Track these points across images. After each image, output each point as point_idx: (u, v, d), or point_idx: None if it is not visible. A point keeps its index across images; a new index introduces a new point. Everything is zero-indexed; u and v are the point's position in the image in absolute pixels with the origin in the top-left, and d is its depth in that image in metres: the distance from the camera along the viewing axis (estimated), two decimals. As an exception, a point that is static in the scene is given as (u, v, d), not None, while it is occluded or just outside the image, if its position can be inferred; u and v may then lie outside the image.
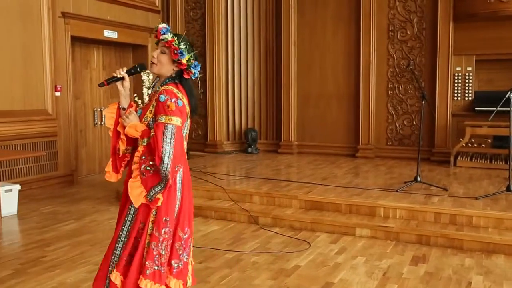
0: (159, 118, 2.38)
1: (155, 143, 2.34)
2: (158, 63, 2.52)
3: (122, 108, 2.55)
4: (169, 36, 2.50)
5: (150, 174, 2.38)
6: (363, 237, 4.80)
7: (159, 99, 2.40)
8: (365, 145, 8.40)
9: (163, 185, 2.38)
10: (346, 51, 8.56)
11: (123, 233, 2.49)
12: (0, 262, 4.12)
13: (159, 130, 2.35)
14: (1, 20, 6.40)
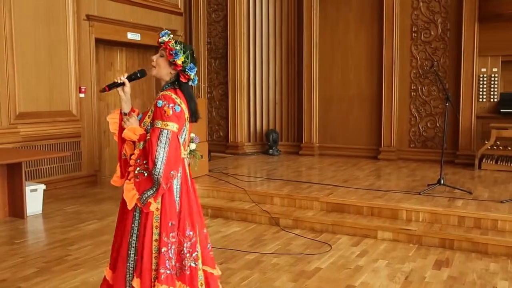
0: (155, 123, 2.41)
1: (149, 147, 2.36)
2: (157, 66, 2.56)
3: (124, 114, 2.57)
4: (166, 38, 2.54)
5: (144, 178, 2.40)
6: (385, 240, 4.75)
7: (156, 104, 2.43)
8: (387, 147, 8.32)
9: (155, 190, 2.39)
10: (368, 52, 8.50)
11: (133, 240, 2.48)
12: (26, 260, 4.20)
13: (154, 134, 2.38)
14: (27, 23, 6.53)
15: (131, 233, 2.48)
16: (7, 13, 6.28)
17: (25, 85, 6.52)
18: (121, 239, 2.51)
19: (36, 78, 6.63)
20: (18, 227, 5.27)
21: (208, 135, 9.30)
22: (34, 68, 6.61)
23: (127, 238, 2.48)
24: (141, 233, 2.45)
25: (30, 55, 6.58)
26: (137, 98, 8.75)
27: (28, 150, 6.33)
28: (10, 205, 5.65)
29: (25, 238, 4.93)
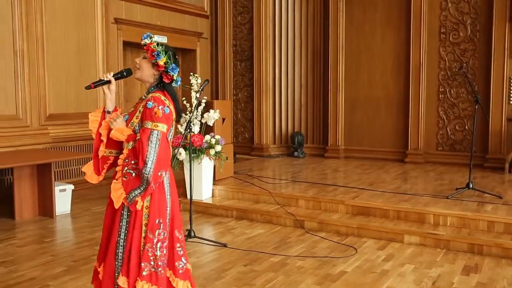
0: (145, 123, 2.45)
1: (139, 147, 2.41)
2: (140, 68, 2.61)
3: (107, 112, 2.62)
4: (148, 40, 2.58)
5: (132, 177, 2.45)
6: (411, 244, 4.69)
7: (146, 106, 2.48)
8: (414, 150, 8.20)
9: (142, 189, 2.43)
10: (395, 54, 8.41)
11: (121, 238, 2.52)
12: (54, 259, 4.28)
13: (144, 135, 2.42)
14: (58, 26, 6.67)
15: (119, 232, 2.52)
16: (39, 17, 6.43)
17: (55, 87, 6.66)
18: (108, 237, 2.55)
19: (66, 80, 6.77)
20: (47, 226, 5.38)
21: (233, 137, 9.33)
22: (63, 71, 6.75)
23: (115, 237, 2.52)
24: (130, 231, 2.49)
25: (60, 58, 6.72)
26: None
27: (57, 151, 6.46)
28: (40, 205, 5.77)
29: (54, 237, 5.03)
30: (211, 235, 5.06)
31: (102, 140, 2.61)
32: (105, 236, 2.60)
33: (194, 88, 5.58)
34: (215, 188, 6.22)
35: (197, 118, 5.66)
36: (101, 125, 2.62)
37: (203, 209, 5.94)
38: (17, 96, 6.26)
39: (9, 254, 4.42)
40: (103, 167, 2.63)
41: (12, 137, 6.18)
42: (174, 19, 8.66)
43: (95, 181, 2.66)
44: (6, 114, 6.15)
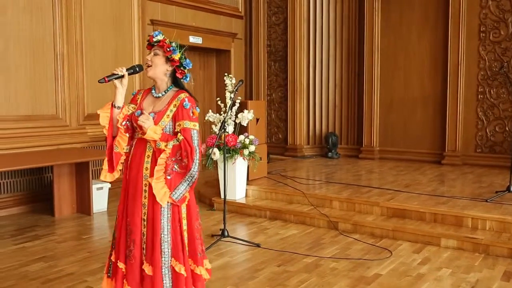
0: (184, 123, 2.55)
1: (186, 147, 2.50)
2: (153, 65, 2.64)
3: (117, 107, 2.65)
4: (161, 37, 2.65)
5: (174, 175, 2.53)
6: (448, 248, 4.58)
7: (183, 106, 2.56)
8: (452, 152, 8.02)
9: (188, 184, 2.55)
10: (432, 53, 8.24)
11: (165, 234, 2.57)
12: (92, 255, 4.38)
13: (187, 134, 2.53)
14: (96, 29, 6.83)
15: (162, 228, 2.56)
16: (78, 21, 6.60)
17: (93, 88, 6.82)
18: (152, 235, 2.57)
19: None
20: (85, 223, 5.51)
21: (267, 137, 9.34)
22: (101, 71, 6.87)
23: (159, 234, 2.56)
24: (174, 226, 2.58)
25: (98, 60, 6.87)
26: (199, 101, 8.92)
27: (94, 150, 6.61)
28: (78, 202, 5.92)
29: (91, 234, 5.15)
30: (244, 235, 5.07)
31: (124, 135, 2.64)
32: (138, 234, 2.60)
33: (229, 88, 5.62)
34: (249, 188, 6.24)
35: (231, 118, 5.69)
36: (112, 121, 2.67)
37: (237, 209, 5.96)
38: (57, 97, 6.44)
39: (49, 249, 4.55)
40: (117, 163, 2.66)
41: (52, 136, 6.36)
42: (209, 20, 8.73)
43: (110, 179, 2.69)
44: (47, 114, 6.34)
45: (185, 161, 2.51)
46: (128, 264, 2.61)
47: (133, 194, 2.62)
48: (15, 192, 5.98)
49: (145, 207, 2.59)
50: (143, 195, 2.60)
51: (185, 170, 2.52)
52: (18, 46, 5.98)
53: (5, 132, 5.87)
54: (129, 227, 2.62)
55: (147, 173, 2.58)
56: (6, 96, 5.89)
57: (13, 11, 5.92)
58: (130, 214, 2.62)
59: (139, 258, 2.60)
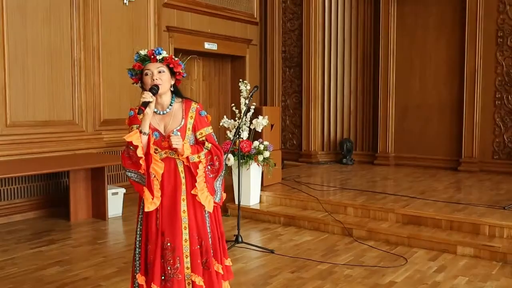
0: (206, 129, 2.70)
1: (217, 152, 2.69)
2: (163, 82, 2.61)
3: (144, 133, 2.52)
4: (165, 53, 2.66)
5: (211, 179, 2.69)
6: (465, 256, 4.52)
7: (200, 114, 2.70)
8: (468, 158, 7.92)
9: (220, 183, 2.76)
10: (449, 59, 8.17)
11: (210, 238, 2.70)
12: (106, 260, 4.41)
13: (212, 140, 2.70)
14: (112, 36, 6.90)
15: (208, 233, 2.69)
16: (95, 28, 6.68)
17: (109, 94, 6.89)
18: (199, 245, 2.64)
19: (119, 87, 6.98)
20: (100, 228, 5.55)
21: (281, 143, 9.33)
22: (117, 78, 6.96)
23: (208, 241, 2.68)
24: (212, 229, 2.71)
25: (114, 66, 6.94)
26: (213, 106, 8.96)
27: (110, 155, 6.66)
28: (93, 207, 5.97)
29: (106, 239, 5.19)
30: (258, 241, 5.06)
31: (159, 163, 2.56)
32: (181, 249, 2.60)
33: (243, 94, 5.63)
34: (263, 194, 6.23)
35: (246, 124, 5.70)
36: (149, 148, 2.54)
37: (251, 215, 5.96)
38: (74, 102, 6.51)
39: (65, 254, 4.60)
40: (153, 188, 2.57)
41: (68, 142, 6.43)
42: (224, 26, 8.77)
43: (154, 207, 2.58)
44: (63, 120, 6.42)
45: (216, 165, 2.68)
46: (175, 282, 2.57)
47: (171, 213, 2.60)
48: (31, 197, 6.05)
49: (184, 220, 2.62)
50: (181, 209, 2.62)
51: (217, 173, 2.70)
52: (36, 53, 6.07)
53: (23, 137, 5.96)
54: (171, 245, 2.58)
55: (184, 188, 2.62)
56: (24, 102, 5.98)
57: (32, 19, 6.02)
58: (170, 232, 2.59)
59: (184, 273, 2.61)
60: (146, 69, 2.61)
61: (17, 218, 5.85)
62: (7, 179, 5.77)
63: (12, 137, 5.86)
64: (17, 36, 5.87)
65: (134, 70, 2.66)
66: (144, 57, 2.64)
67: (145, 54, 2.64)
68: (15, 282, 3.88)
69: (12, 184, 5.86)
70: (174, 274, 2.58)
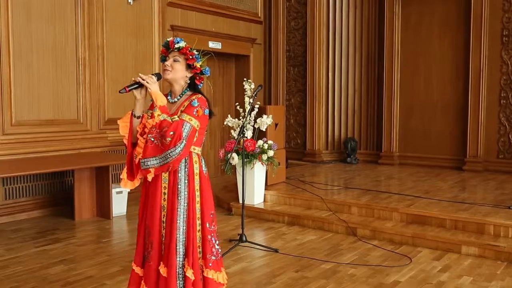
0: (182, 115, 2.58)
1: (176, 128, 2.49)
2: (173, 69, 2.68)
3: (137, 117, 2.67)
4: (183, 44, 2.69)
5: (152, 145, 2.52)
6: (469, 255, 4.51)
7: (191, 103, 2.62)
8: (473, 158, 7.90)
9: (159, 163, 2.52)
10: (453, 58, 8.14)
11: (180, 234, 2.63)
12: (111, 259, 4.42)
13: (181, 122, 2.53)
14: (117, 35, 6.91)
15: (178, 228, 2.62)
16: (100, 27, 6.69)
17: (114, 93, 6.90)
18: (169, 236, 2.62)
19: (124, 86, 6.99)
20: (104, 227, 5.56)
21: (285, 142, 9.32)
22: (122, 77, 6.97)
23: (175, 234, 2.61)
24: (188, 226, 2.62)
25: (119, 65, 6.96)
26: (218, 106, 8.96)
27: (114, 154, 6.68)
28: (97, 206, 5.99)
29: (110, 237, 5.20)
30: (262, 240, 5.07)
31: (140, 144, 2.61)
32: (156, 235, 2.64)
33: (248, 93, 5.63)
34: (267, 193, 6.23)
35: (250, 123, 5.70)
36: (132, 131, 2.68)
37: (255, 214, 5.96)
38: (79, 101, 6.53)
39: (69, 252, 4.61)
40: (137, 171, 2.65)
41: (73, 141, 6.45)
42: (228, 25, 8.77)
43: (130, 187, 2.71)
44: (68, 119, 6.43)
45: (167, 140, 2.49)
46: (146, 266, 2.66)
47: (152, 197, 2.66)
48: (36, 196, 6.07)
49: (164, 209, 2.65)
50: (162, 197, 2.65)
51: (163, 148, 2.51)
52: (41, 52, 6.09)
53: (28, 136, 5.97)
54: (148, 229, 2.67)
55: (166, 176, 2.64)
56: (29, 101, 5.99)
57: (37, 18, 6.03)
58: (149, 216, 2.67)
59: (157, 260, 2.65)
60: (167, 56, 2.73)
61: (22, 217, 5.87)
62: (12, 178, 5.79)
63: (17, 136, 5.88)
64: (22, 35, 5.89)
65: (163, 56, 2.77)
66: (166, 43, 2.75)
67: (167, 42, 2.75)
68: (20, 280, 3.90)
69: (17, 183, 5.89)
70: (147, 258, 2.66)
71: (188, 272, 2.61)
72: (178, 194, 2.63)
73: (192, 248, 2.62)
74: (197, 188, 2.68)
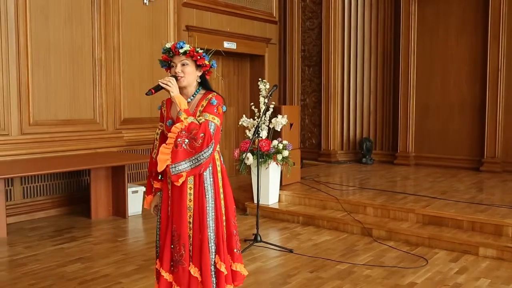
0: (205, 115, 2.59)
1: (205, 130, 2.53)
2: (186, 75, 2.68)
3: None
4: (187, 47, 2.68)
5: (182, 149, 2.52)
6: (487, 257, 4.45)
7: (211, 102, 2.64)
8: (491, 158, 7.79)
9: (191, 166, 2.54)
10: (471, 57, 8.05)
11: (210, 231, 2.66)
12: (126, 258, 4.46)
13: (207, 122, 2.56)
14: (133, 35, 6.96)
15: (208, 227, 2.65)
16: (116, 28, 6.74)
17: (130, 93, 6.95)
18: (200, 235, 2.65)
19: (139, 87, 7.04)
20: (120, 226, 5.61)
21: (300, 142, 9.30)
22: (137, 77, 7.03)
23: (206, 233, 2.64)
24: (217, 223, 2.67)
25: (134, 65, 7.01)
26: (233, 106, 8.98)
27: (130, 154, 6.73)
28: (113, 205, 6.04)
29: (126, 236, 5.24)
30: (277, 240, 5.06)
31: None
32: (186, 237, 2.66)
33: (263, 93, 5.63)
34: (282, 193, 6.23)
35: (265, 123, 5.70)
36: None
37: (270, 214, 5.96)
38: (95, 101, 6.59)
39: (86, 251, 4.66)
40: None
41: (89, 140, 6.51)
42: (243, 25, 8.78)
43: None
44: (85, 119, 6.50)
45: (198, 142, 2.52)
46: (180, 270, 2.65)
47: (178, 199, 2.67)
48: (53, 195, 6.14)
49: (190, 210, 2.66)
50: (188, 198, 2.66)
51: (194, 151, 2.52)
52: (58, 53, 6.15)
53: (45, 136, 6.05)
54: (176, 232, 2.67)
55: (191, 177, 2.64)
56: (46, 101, 6.07)
57: (55, 20, 6.10)
58: (177, 219, 2.67)
59: (188, 262, 2.67)
60: (173, 61, 2.73)
61: (40, 215, 5.95)
62: (30, 177, 5.86)
63: (35, 135, 5.96)
64: (39, 37, 5.96)
65: (163, 61, 2.80)
66: (168, 50, 2.73)
67: (169, 48, 2.73)
68: (38, 278, 3.95)
69: (35, 182, 5.96)
70: (179, 261, 2.66)
71: (222, 267, 2.66)
72: (206, 193, 2.66)
73: (222, 244, 2.68)
74: (221, 184, 2.73)
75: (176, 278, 2.66)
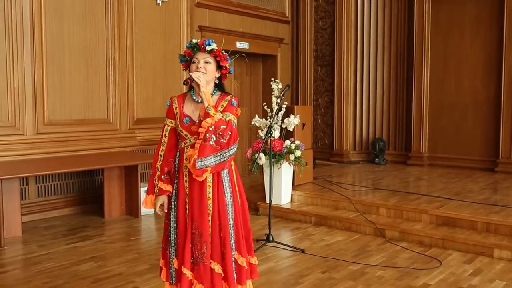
0: (227, 115, 2.63)
1: (231, 128, 2.59)
2: (206, 71, 2.70)
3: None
4: (215, 46, 2.73)
5: (210, 145, 2.54)
6: (502, 259, 4.40)
7: (231, 103, 2.70)
8: (506, 159, 7.70)
9: (215, 161, 2.57)
10: (486, 57, 7.96)
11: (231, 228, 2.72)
12: (139, 257, 4.48)
13: (230, 121, 2.62)
14: (146, 35, 7.00)
15: (229, 224, 2.71)
16: (129, 28, 6.78)
17: (143, 93, 6.99)
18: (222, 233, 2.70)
19: (152, 87, 7.08)
20: (133, 225, 5.64)
21: (313, 142, 9.27)
22: (151, 77, 7.06)
23: (228, 230, 2.70)
24: (236, 220, 2.74)
25: (147, 65, 7.04)
26: (245, 106, 8.98)
27: (143, 154, 6.76)
28: (126, 205, 6.07)
29: (139, 235, 5.27)
30: (289, 240, 5.05)
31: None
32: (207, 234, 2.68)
33: (275, 93, 5.62)
34: (294, 193, 6.22)
35: (277, 123, 5.70)
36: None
37: (282, 214, 5.95)
38: (108, 101, 6.63)
39: (99, 250, 4.69)
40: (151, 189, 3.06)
41: (103, 140, 6.55)
42: (256, 25, 8.78)
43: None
44: (98, 118, 6.54)
45: (226, 139, 2.56)
46: (201, 267, 2.67)
47: (199, 197, 2.68)
48: (67, 194, 6.20)
49: (209, 208, 2.69)
50: (207, 196, 2.68)
51: (220, 147, 2.56)
52: (72, 53, 6.20)
53: (59, 135, 6.10)
54: (198, 230, 2.68)
55: (210, 176, 2.66)
56: (61, 101, 6.12)
57: (69, 20, 6.15)
58: (198, 217, 2.68)
59: (209, 258, 2.70)
60: (195, 57, 2.75)
61: (53, 214, 6.00)
62: (44, 176, 5.92)
63: (49, 135, 6.01)
64: (54, 37, 6.01)
65: (184, 56, 2.80)
66: (195, 45, 2.77)
67: (196, 43, 2.76)
68: (52, 276, 3.99)
69: (49, 181, 6.02)
70: (200, 259, 2.67)
71: (243, 262, 2.73)
72: (225, 191, 2.71)
73: (242, 240, 2.75)
74: (236, 182, 2.79)
75: (197, 275, 2.67)
